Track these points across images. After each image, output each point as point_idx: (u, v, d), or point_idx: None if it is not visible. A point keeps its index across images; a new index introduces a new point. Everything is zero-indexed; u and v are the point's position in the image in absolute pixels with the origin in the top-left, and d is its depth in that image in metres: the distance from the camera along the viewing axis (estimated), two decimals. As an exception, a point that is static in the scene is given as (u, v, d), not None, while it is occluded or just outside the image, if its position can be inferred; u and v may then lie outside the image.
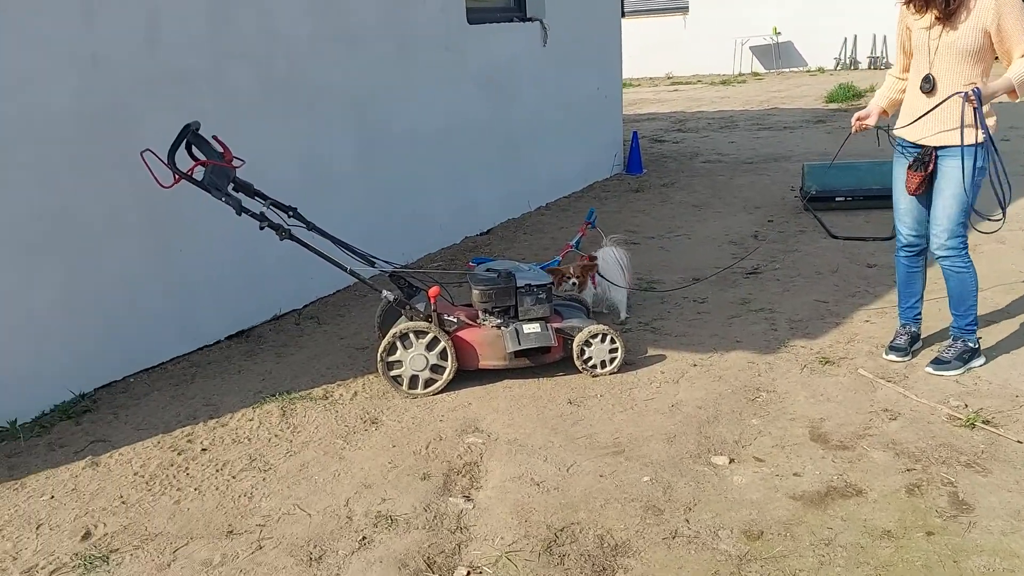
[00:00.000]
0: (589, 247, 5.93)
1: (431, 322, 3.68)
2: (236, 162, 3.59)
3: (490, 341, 3.75)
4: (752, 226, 6.35)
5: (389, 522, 2.79)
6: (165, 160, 3.41)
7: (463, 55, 6.19)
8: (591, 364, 3.81)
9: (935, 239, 3.51)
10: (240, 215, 3.50)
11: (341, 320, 4.78)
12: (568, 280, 4.29)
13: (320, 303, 5.05)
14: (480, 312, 3.82)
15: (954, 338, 3.71)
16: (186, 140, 3.48)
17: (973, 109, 3.30)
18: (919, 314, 3.87)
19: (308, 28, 4.87)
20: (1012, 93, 3.33)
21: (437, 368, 3.70)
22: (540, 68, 7.14)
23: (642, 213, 6.95)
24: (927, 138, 3.46)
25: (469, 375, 3.80)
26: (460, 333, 3.74)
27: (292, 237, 3.58)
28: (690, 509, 2.80)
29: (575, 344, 3.78)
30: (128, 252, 3.98)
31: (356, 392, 3.79)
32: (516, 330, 3.73)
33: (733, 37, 20.19)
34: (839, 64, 19.68)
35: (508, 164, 6.86)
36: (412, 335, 3.65)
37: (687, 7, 20.73)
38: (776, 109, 13.34)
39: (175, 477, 3.13)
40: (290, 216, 3.84)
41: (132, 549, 2.70)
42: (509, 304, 3.78)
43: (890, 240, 5.69)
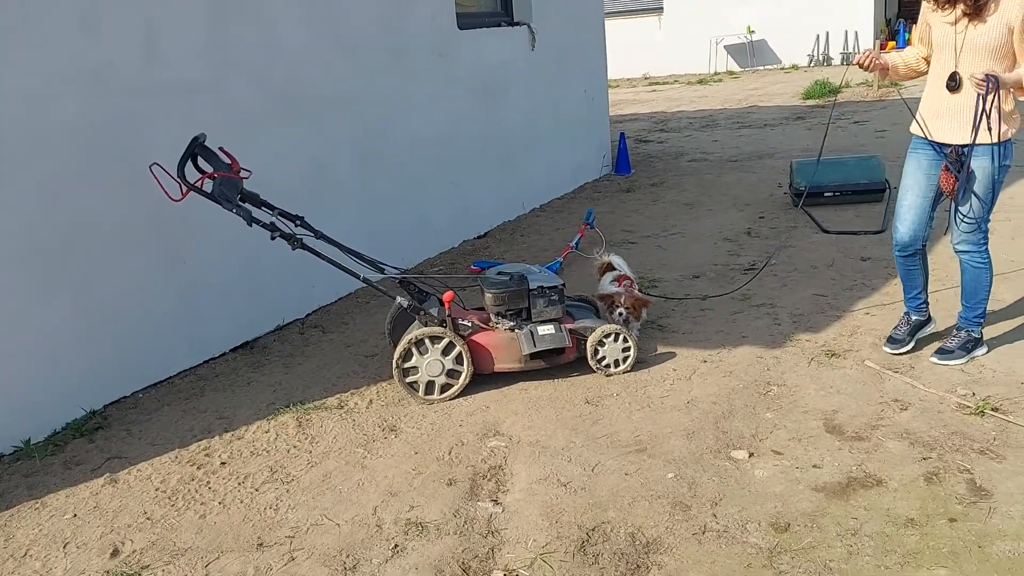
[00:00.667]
0: (589, 248, 5.99)
1: (445, 327, 3.69)
2: (244, 173, 3.58)
3: (505, 344, 3.77)
4: (745, 223, 6.43)
5: (419, 529, 2.80)
6: (174, 174, 3.40)
7: (455, 60, 6.21)
8: (605, 363, 3.84)
9: (958, 234, 3.57)
10: (251, 226, 3.50)
11: (346, 328, 4.77)
12: (616, 309, 4.06)
13: (323, 311, 5.04)
14: (493, 315, 3.84)
15: (959, 328, 3.77)
16: (194, 153, 3.47)
17: (983, 95, 3.27)
18: (923, 303, 3.90)
19: (305, 37, 4.87)
20: (1020, 89, 3.36)
21: (453, 373, 3.71)
22: (529, 72, 7.18)
23: (635, 213, 7.01)
24: (955, 137, 3.45)
25: (484, 379, 3.81)
26: (474, 337, 3.76)
27: (304, 246, 3.57)
28: (716, 504, 2.84)
29: (589, 344, 3.81)
30: (134, 266, 3.95)
31: (371, 400, 3.79)
32: (531, 332, 3.75)
33: (708, 37, 20.39)
34: (812, 61, 19.93)
35: (502, 167, 6.88)
36: (427, 340, 3.66)
37: (662, 8, 20.90)
38: (755, 107, 13.49)
39: (197, 491, 3.12)
40: (297, 225, 3.84)
41: (163, 565, 2.68)
42: (522, 307, 3.81)
43: (881, 233, 5.80)
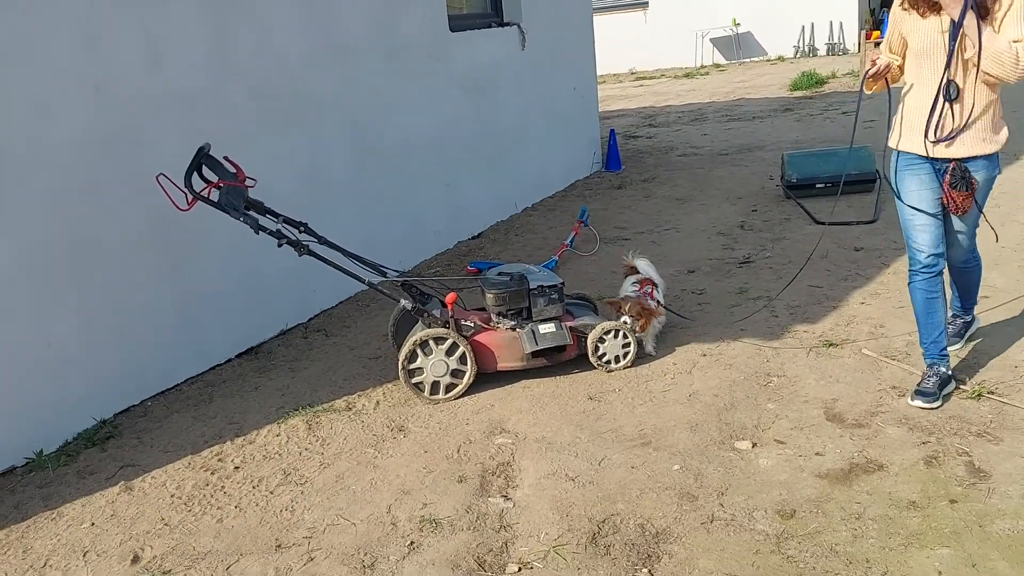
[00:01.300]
0: (583, 245, 6.05)
1: (449, 328, 3.75)
2: (249, 182, 3.63)
3: (507, 343, 3.83)
4: (738, 216, 6.50)
5: (434, 526, 2.86)
6: (181, 184, 3.44)
7: (447, 62, 6.26)
8: (606, 360, 3.91)
9: (960, 252, 3.42)
10: (258, 234, 3.54)
11: (348, 331, 4.82)
12: (620, 315, 3.94)
13: (324, 315, 5.09)
14: (494, 315, 3.90)
15: (954, 315, 3.80)
16: (199, 162, 3.51)
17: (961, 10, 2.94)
18: (945, 349, 3.39)
19: (302, 43, 4.91)
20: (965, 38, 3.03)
21: (457, 372, 3.77)
22: (520, 71, 7.24)
23: (628, 209, 7.08)
24: (964, 149, 3.19)
25: (487, 377, 3.87)
26: (477, 337, 3.82)
27: (311, 253, 3.63)
28: (723, 493, 2.91)
29: (590, 341, 3.87)
30: (138, 276, 3.99)
31: (378, 401, 3.84)
32: (532, 331, 3.81)
33: (693, 30, 20.47)
34: (798, 52, 20.04)
35: (494, 167, 6.94)
36: (432, 342, 3.71)
37: (647, 2, 20.97)
38: (743, 100, 13.57)
39: (213, 496, 3.16)
40: (301, 231, 3.89)
41: (184, 569, 2.73)
42: (523, 306, 3.87)
43: (872, 223, 5.89)
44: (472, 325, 3.82)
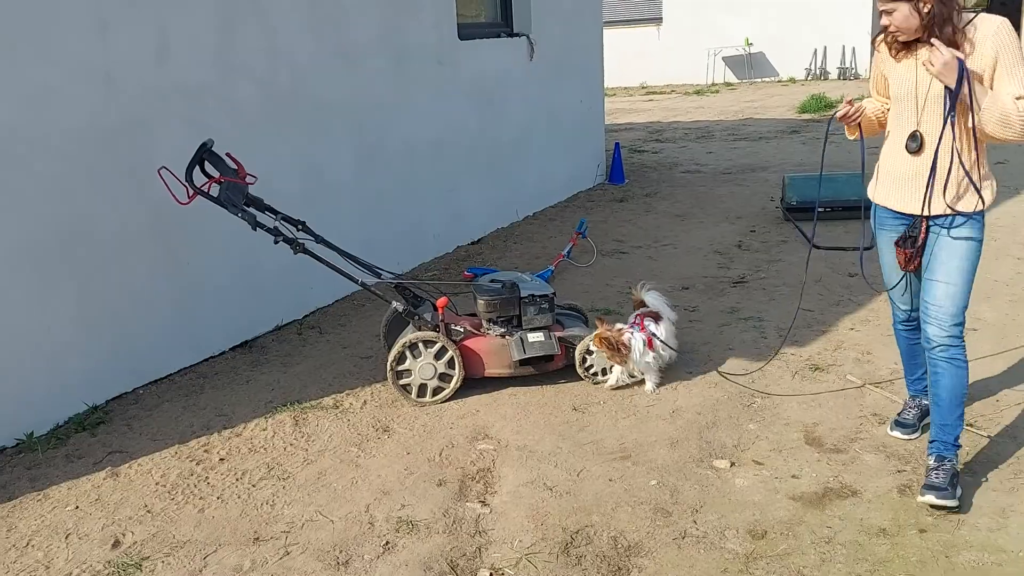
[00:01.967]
0: (580, 257, 6.11)
1: (439, 332, 3.80)
2: (249, 179, 3.68)
3: (496, 350, 3.88)
4: (736, 236, 6.55)
5: (410, 527, 2.90)
6: (182, 178, 3.50)
7: (455, 69, 6.32)
8: (592, 372, 3.95)
9: (934, 327, 2.86)
10: (255, 230, 3.60)
11: (342, 330, 4.87)
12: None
13: (320, 313, 5.14)
14: (484, 321, 3.95)
15: (939, 457, 2.94)
16: (201, 157, 3.57)
17: (956, 82, 2.63)
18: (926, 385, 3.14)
19: (309, 44, 4.97)
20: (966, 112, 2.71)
21: (445, 376, 3.82)
22: (527, 81, 7.30)
23: (628, 223, 7.13)
24: (915, 206, 2.87)
25: (475, 383, 3.92)
26: (466, 342, 3.86)
27: (306, 251, 3.68)
28: (697, 511, 2.95)
29: (577, 352, 3.92)
30: (136, 266, 4.05)
31: (365, 401, 3.89)
32: (521, 339, 3.86)
33: (706, 47, 20.56)
34: (809, 75, 20.11)
35: (497, 175, 7.00)
36: (421, 344, 3.76)
37: (661, 18, 21.06)
38: (751, 119, 13.64)
39: (196, 486, 3.21)
40: (299, 229, 3.94)
41: (163, 556, 2.78)
42: (513, 314, 3.92)
43: (869, 250, 5.92)
44: (462, 330, 3.87)
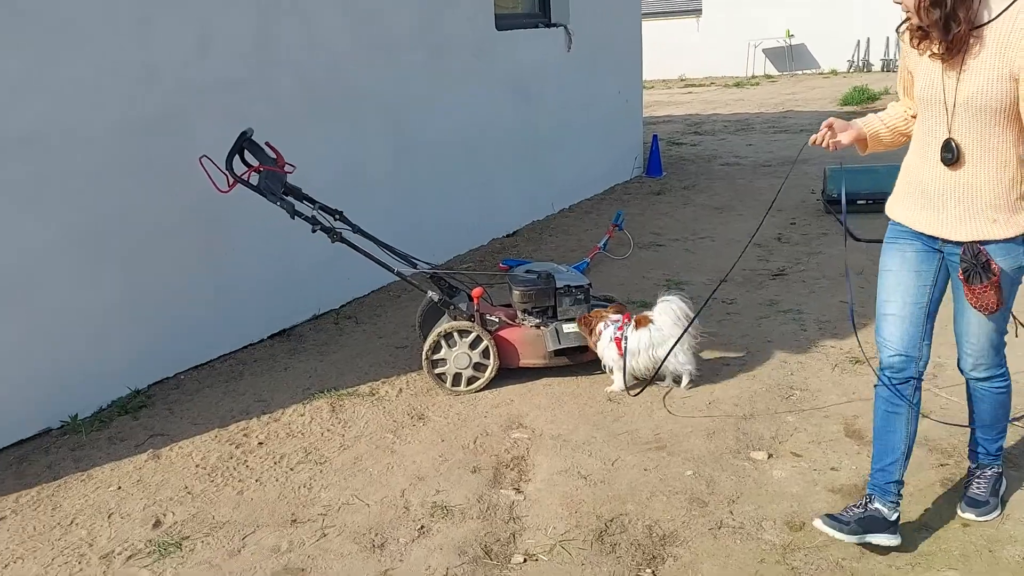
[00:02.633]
0: (616, 249, 6.07)
1: (474, 322, 3.81)
2: (288, 168, 3.73)
3: (530, 340, 3.88)
4: (775, 229, 6.46)
5: (445, 512, 2.92)
6: (222, 166, 3.55)
7: (491, 61, 6.33)
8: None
9: (972, 358, 2.62)
10: (294, 218, 3.64)
11: (378, 319, 4.91)
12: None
13: (356, 303, 5.19)
14: (519, 312, 3.95)
15: (980, 465, 2.81)
16: (241, 146, 3.62)
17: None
18: (893, 483, 2.61)
19: (347, 37, 5.01)
20: None
21: (480, 366, 3.83)
22: (564, 73, 7.27)
23: (665, 216, 7.07)
24: (963, 231, 2.43)
25: (509, 373, 3.92)
26: (501, 332, 3.87)
27: (343, 240, 3.71)
28: (733, 502, 2.92)
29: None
30: (177, 255, 4.12)
31: (401, 389, 3.92)
32: (556, 329, 3.85)
33: (746, 39, 20.30)
34: (852, 67, 19.76)
35: (532, 167, 6.99)
36: (456, 334, 3.78)
37: (700, 9, 20.84)
38: (791, 112, 13.44)
39: (235, 469, 3.27)
40: (336, 219, 3.98)
41: (202, 536, 2.83)
42: (548, 305, 3.91)
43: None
44: (497, 320, 3.88)
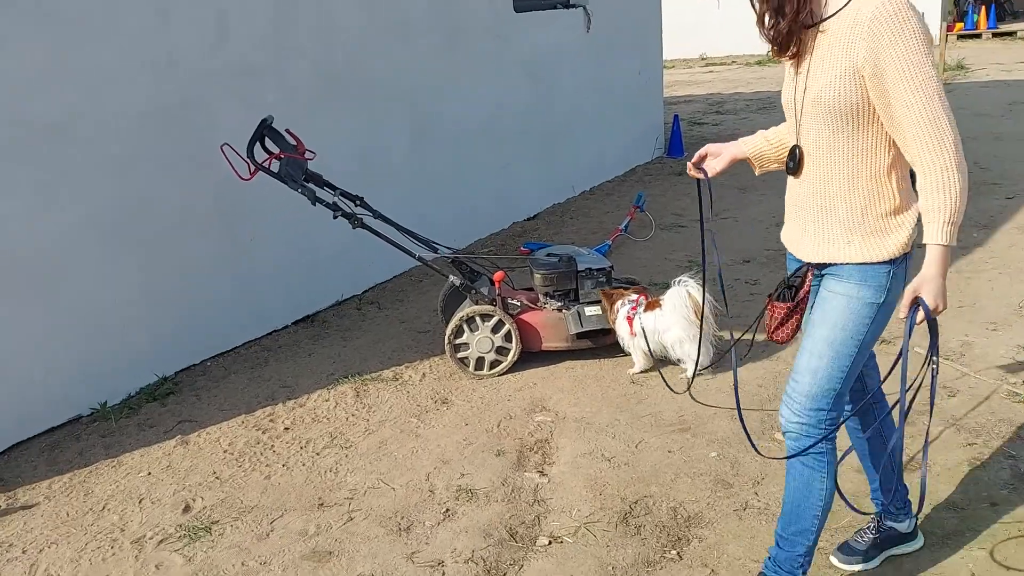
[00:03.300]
0: (638, 231, 6.04)
1: (496, 305, 3.81)
2: (308, 154, 3.73)
3: (553, 323, 3.88)
4: (798, 208, 6.39)
5: (469, 495, 2.94)
6: (243, 154, 3.56)
7: (508, 43, 6.29)
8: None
9: (786, 407, 2.16)
10: (315, 205, 3.66)
11: (400, 305, 4.93)
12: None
13: (378, 289, 5.21)
14: (541, 295, 3.95)
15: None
16: (262, 134, 3.63)
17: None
18: (883, 491, 2.47)
19: (363, 21, 5.00)
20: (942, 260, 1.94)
21: (502, 350, 3.84)
22: (583, 53, 7.22)
23: (687, 196, 7.02)
24: (801, 248, 2.14)
25: (532, 357, 3.93)
26: (523, 316, 3.87)
27: (364, 226, 3.72)
28: (758, 483, 2.91)
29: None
30: (200, 243, 4.15)
31: (424, 374, 3.94)
32: (578, 312, 3.85)
33: (767, 16, 19.98)
34: (876, 42, 19.40)
35: (552, 149, 6.95)
36: (478, 318, 3.78)
37: (720, -13, 20.53)
38: (814, 89, 13.22)
39: (262, 454, 3.31)
40: (357, 205, 3.98)
41: (231, 520, 2.87)
42: (570, 288, 3.90)
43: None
44: (519, 304, 3.88)
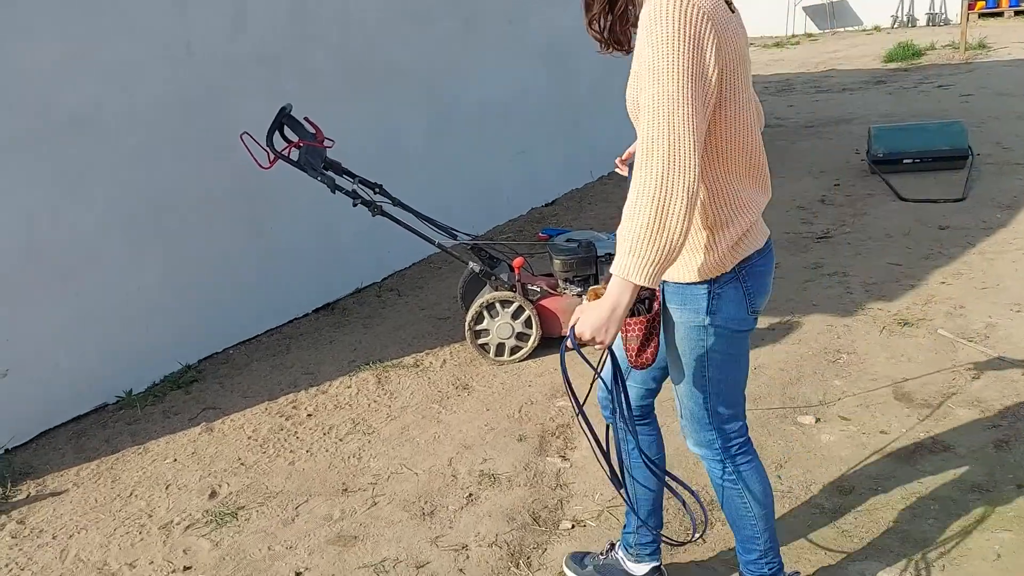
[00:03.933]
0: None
1: (515, 292, 3.82)
2: (327, 142, 3.74)
3: (572, 309, 3.86)
4: (819, 190, 6.34)
5: (492, 480, 2.95)
6: (263, 143, 3.58)
7: (525, 27, 6.26)
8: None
9: (682, 430, 2.19)
10: (334, 193, 3.67)
11: (420, 292, 4.95)
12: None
13: (398, 276, 5.23)
14: (561, 281, 3.95)
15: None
16: (281, 122, 3.64)
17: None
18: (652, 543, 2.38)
19: (380, 8, 5.00)
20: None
21: (522, 336, 3.84)
22: (600, 38, 7.16)
23: (705, 180, 6.97)
24: None
25: (552, 342, 3.93)
26: (543, 302, 3.87)
27: (384, 213, 3.73)
28: (781, 466, 2.91)
29: (655, 310, 3.87)
30: (221, 232, 4.18)
31: (445, 360, 3.95)
32: (598, 298, 3.84)
33: (785, -3, 19.77)
34: (896, 22, 19.14)
35: (570, 135, 6.93)
36: (498, 304, 3.79)
37: (737, -32, 20.31)
38: (833, 71, 13.09)
39: (286, 440, 3.34)
40: (376, 192, 3.99)
41: (257, 506, 2.91)
42: (590, 273, 3.90)
43: (961, 201, 5.65)
44: (539, 290, 3.88)
